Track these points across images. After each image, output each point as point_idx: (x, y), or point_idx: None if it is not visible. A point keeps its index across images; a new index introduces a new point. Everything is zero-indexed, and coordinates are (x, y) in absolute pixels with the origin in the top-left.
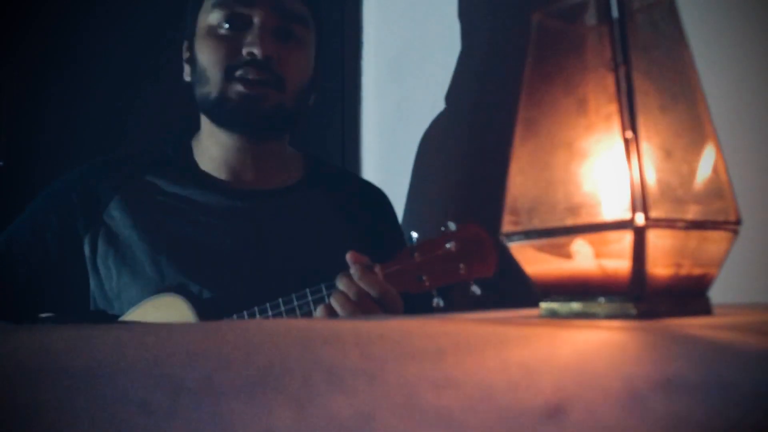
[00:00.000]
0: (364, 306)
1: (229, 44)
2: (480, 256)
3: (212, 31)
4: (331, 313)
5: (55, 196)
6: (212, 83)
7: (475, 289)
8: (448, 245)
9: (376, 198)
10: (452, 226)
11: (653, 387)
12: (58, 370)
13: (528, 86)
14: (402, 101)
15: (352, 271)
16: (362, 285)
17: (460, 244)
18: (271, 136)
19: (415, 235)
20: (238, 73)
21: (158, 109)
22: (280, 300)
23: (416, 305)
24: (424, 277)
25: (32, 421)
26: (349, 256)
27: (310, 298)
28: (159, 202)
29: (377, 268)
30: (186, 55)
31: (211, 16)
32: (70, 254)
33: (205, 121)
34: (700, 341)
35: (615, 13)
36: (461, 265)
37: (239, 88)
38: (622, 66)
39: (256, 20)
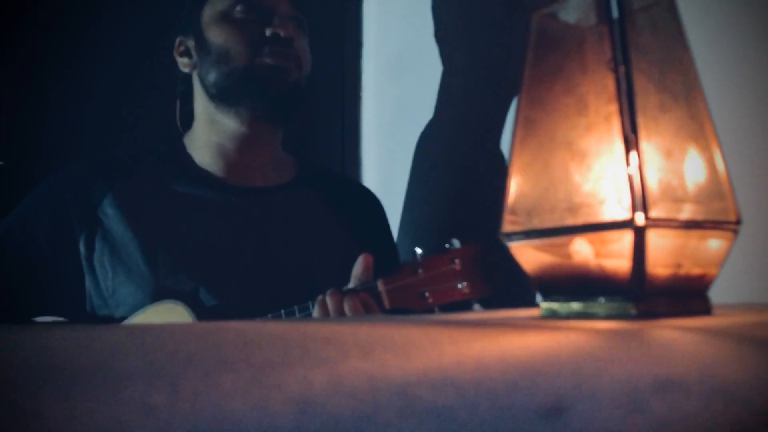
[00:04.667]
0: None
1: (251, 26)
2: (483, 274)
3: (227, 16)
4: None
5: (47, 195)
6: (238, 58)
7: (477, 308)
8: (452, 263)
9: (368, 199)
10: (457, 243)
11: (653, 387)
12: (58, 370)
13: (528, 86)
14: (402, 101)
15: (346, 307)
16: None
17: (465, 262)
18: (277, 120)
19: (419, 250)
20: (266, 48)
21: (157, 109)
22: (282, 312)
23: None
24: (427, 294)
25: (32, 422)
26: (359, 270)
27: (311, 310)
28: (153, 199)
29: (380, 283)
30: (180, 49)
31: (224, 3)
32: (65, 253)
33: (204, 110)
34: (699, 341)
35: (615, 13)
36: (465, 284)
37: (268, 60)
38: (622, 66)
39: (278, 7)
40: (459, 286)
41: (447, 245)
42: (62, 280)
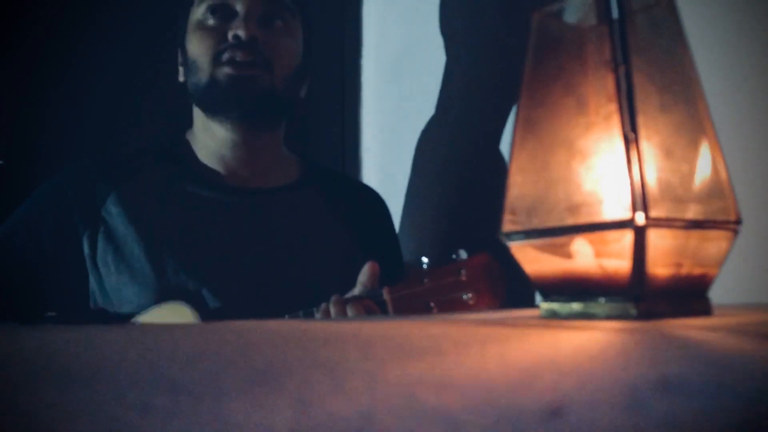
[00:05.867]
0: None
1: (216, 32)
2: (489, 287)
3: (200, 24)
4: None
5: (50, 194)
6: (202, 70)
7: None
8: (458, 274)
9: (372, 201)
10: (463, 254)
11: (653, 388)
12: (58, 370)
13: (528, 86)
14: (402, 101)
15: (350, 312)
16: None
17: (471, 273)
18: (264, 125)
19: (425, 260)
20: (225, 56)
21: (157, 108)
22: (287, 317)
23: None
24: (432, 304)
25: (32, 422)
26: (366, 278)
27: (316, 316)
28: (157, 198)
29: (386, 291)
30: (180, 59)
31: (198, 11)
32: (68, 252)
33: (198, 116)
34: (699, 342)
35: (615, 13)
36: (470, 295)
37: (227, 70)
38: (622, 66)
39: (239, 8)
40: (465, 297)
41: (454, 256)
42: (66, 279)
